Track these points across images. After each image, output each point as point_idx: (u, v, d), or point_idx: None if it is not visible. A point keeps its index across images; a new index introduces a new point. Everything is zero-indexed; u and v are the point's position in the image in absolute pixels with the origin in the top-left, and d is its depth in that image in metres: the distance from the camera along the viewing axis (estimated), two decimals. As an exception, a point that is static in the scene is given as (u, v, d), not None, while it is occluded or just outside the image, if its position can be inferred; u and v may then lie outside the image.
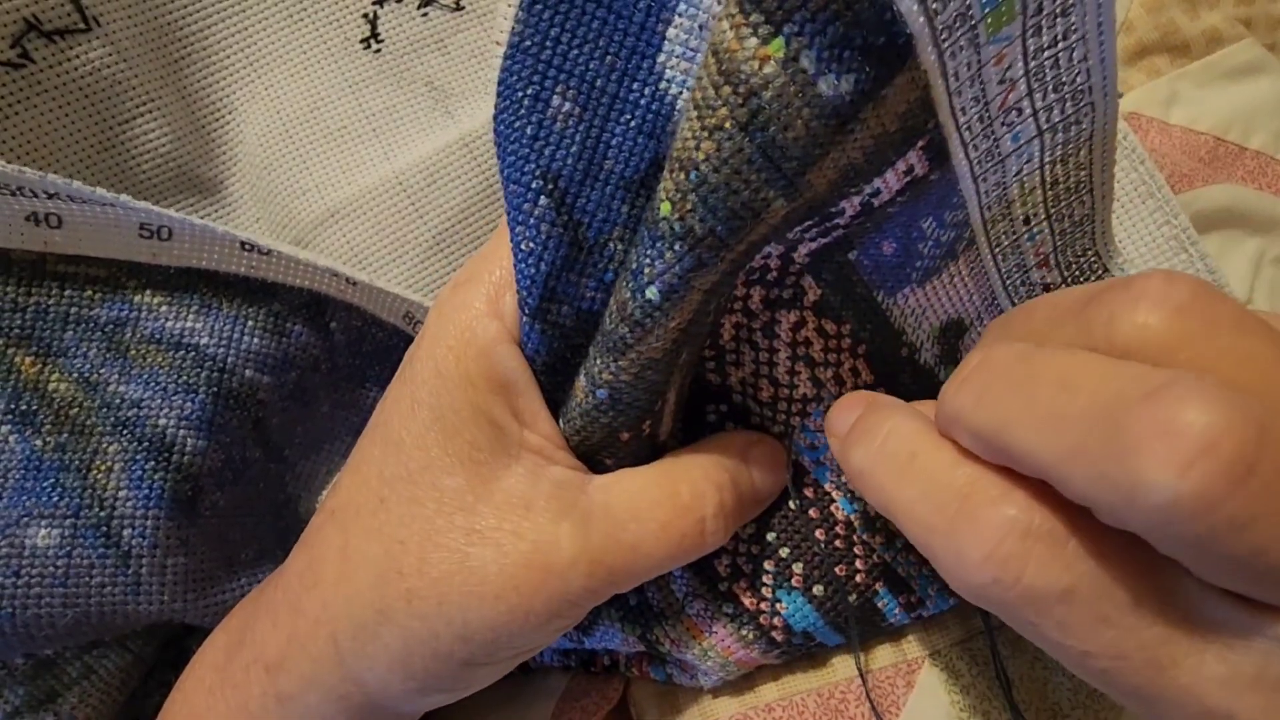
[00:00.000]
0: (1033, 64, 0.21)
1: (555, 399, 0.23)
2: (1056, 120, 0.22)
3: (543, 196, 0.20)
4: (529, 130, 0.20)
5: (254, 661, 0.23)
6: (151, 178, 0.29)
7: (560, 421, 0.23)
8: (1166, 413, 0.14)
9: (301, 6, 0.30)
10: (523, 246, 0.21)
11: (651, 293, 0.19)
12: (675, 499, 0.22)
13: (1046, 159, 0.23)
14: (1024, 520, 0.16)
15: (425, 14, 0.31)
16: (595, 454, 0.23)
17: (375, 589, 0.21)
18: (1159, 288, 0.17)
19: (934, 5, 0.17)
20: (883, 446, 0.20)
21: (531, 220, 0.21)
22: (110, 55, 0.28)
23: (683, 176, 0.18)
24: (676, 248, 0.19)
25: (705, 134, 0.18)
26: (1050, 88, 0.21)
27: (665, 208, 0.19)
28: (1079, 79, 0.21)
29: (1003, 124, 0.22)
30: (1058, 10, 0.20)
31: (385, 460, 0.22)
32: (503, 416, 0.22)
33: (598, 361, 0.21)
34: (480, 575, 0.21)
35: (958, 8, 0.18)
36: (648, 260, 0.19)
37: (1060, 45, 0.20)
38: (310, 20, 0.30)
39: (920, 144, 0.20)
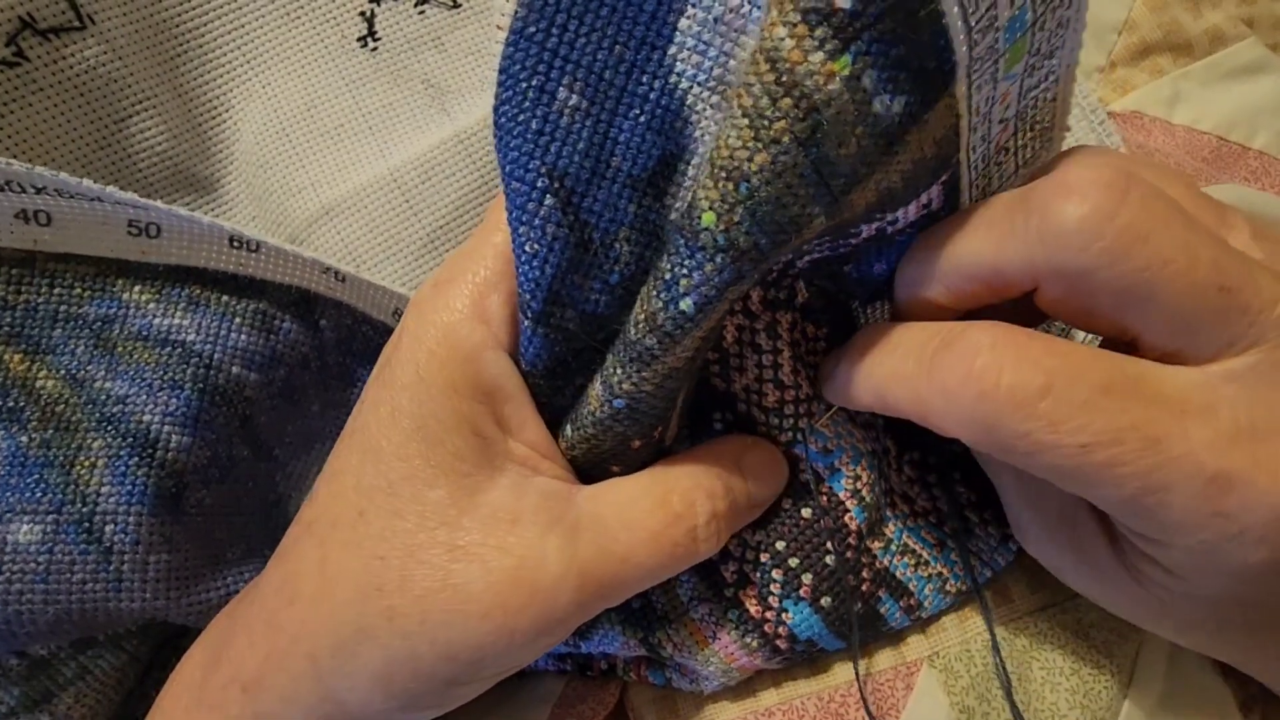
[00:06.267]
0: (1021, 104, 0.21)
1: (554, 403, 0.23)
2: (1028, 158, 0.23)
3: (548, 196, 0.20)
4: (534, 125, 0.19)
5: (231, 681, 0.22)
6: (148, 176, 0.29)
7: (569, 428, 0.23)
8: (1059, 179, 0.18)
9: (298, 4, 0.30)
10: (526, 249, 0.20)
11: (686, 304, 0.19)
12: (666, 507, 0.22)
13: None
14: (989, 337, 0.19)
15: (422, 12, 0.31)
16: (603, 462, 0.23)
17: (355, 606, 0.20)
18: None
19: (976, 36, 0.17)
20: (861, 358, 0.22)
21: (536, 221, 0.20)
22: (105, 53, 0.28)
23: (731, 187, 0.17)
24: (718, 260, 0.18)
25: (760, 146, 0.17)
26: (1029, 127, 0.22)
27: (708, 218, 0.18)
28: (1045, 118, 0.22)
29: (995, 164, 0.22)
30: (1045, 53, 0.20)
31: (363, 470, 0.21)
32: (487, 425, 0.21)
33: (618, 371, 0.20)
34: (464, 593, 0.20)
35: (990, 42, 0.18)
36: (684, 272, 0.18)
37: (1041, 87, 0.21)
38: (307, 18, 0.30)
39: (944, 178, 0.20)
